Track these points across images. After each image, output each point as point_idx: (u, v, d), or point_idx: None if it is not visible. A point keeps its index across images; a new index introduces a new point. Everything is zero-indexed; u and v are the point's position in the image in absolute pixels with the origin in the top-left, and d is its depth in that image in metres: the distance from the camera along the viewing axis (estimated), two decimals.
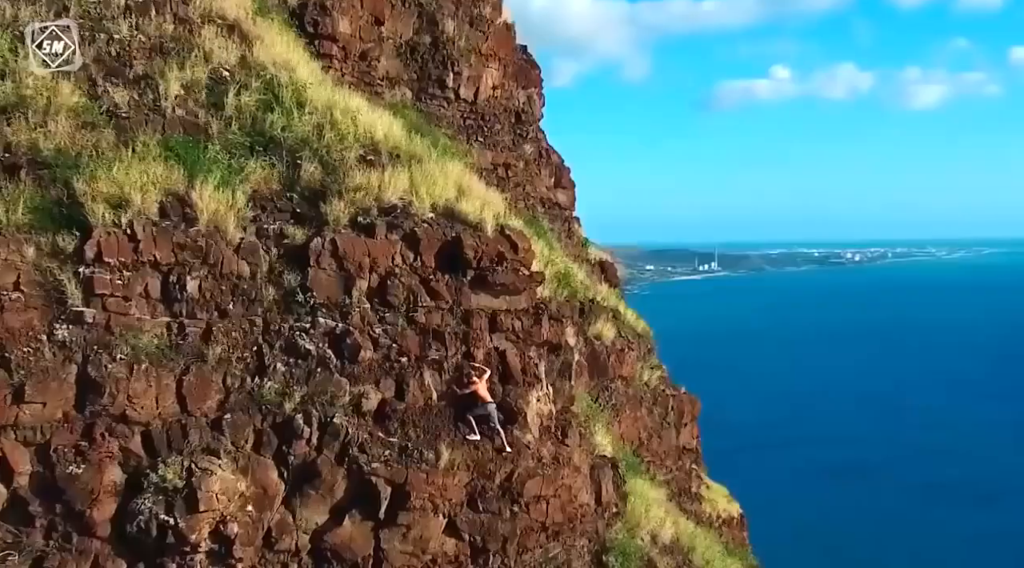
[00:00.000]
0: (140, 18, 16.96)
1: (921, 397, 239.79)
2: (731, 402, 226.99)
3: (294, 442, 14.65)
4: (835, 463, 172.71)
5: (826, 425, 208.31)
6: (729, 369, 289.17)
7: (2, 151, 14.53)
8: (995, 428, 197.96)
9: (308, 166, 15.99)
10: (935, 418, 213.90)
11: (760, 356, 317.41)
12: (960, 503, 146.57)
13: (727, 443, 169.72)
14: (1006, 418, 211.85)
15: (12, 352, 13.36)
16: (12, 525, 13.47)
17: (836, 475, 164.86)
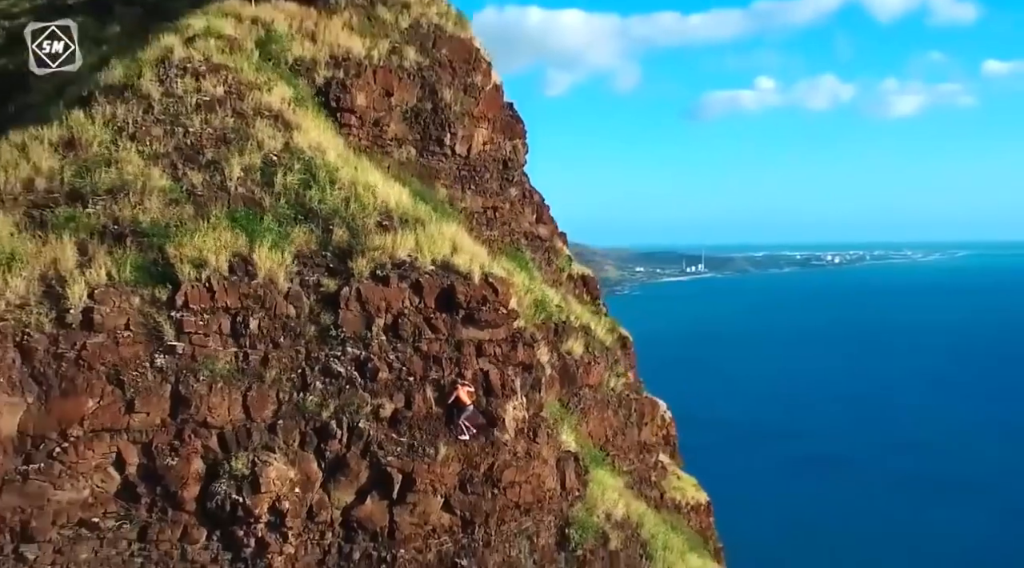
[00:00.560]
0: (208, 114, 20.93)
1: (894, 394, 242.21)
2: (715, 398, 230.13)
3: (329, 441, 18.58)
4: (811, 456, 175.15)
5: (803, 420, 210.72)
6: (714, 367, 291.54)
7: (112, 224, 18.51)
8: (964, 424, 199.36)
9: (338, 231, 19.93)
10: (906, 414, 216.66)
11: (743, 354, 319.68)
12: (927, 494, 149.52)
13: (709, 437, 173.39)
14: (975, 414, 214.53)
15: (125, 375, 17.32)
16: (124, 502, 17.41)
17: (811, 467, 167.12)
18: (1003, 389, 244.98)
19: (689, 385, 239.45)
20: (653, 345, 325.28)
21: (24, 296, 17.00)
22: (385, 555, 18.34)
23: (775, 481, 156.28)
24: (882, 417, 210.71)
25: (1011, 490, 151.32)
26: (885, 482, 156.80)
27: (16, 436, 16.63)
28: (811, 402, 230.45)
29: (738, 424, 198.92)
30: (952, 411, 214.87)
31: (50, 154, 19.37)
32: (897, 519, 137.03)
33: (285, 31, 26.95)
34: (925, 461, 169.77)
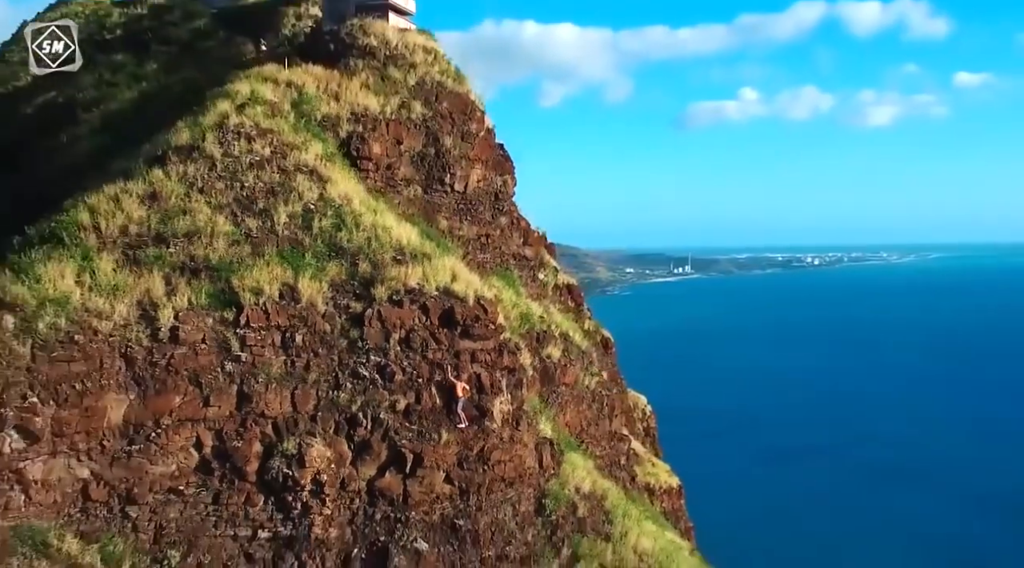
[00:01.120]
0: (259, 170, 25.19)
1: (866, 388, 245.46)
2: (699, 392, 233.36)
3: (357, 428, 22.83)
4: (785, 446, 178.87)
5: (780, 412, 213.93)
6: (699, 363, 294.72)
7: (189, 261, 22.77)
8: (930, 416, 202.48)
9: (362, 264, 24.18)
10: (875, 406, 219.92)
11: (727, 351, 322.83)
12: (892, 482, 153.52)
13: (693, 428, 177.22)
14: (942, 407, 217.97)
15: (202, 378, 21.58)
16: (202, 475, 21.66)
17: (785, 456, 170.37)
18: (969, 383, 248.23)
19: (675, 380, 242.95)
20: (642, 343, 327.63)
21: (126, 318, 21.23)
22: (400, 516, 22.63)
23: (752, 469, 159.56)
24: (853, 410, 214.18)
25: (972, 478, 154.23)
26: (853, 471, 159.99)
27: (122, 424, 20.90)
28: (788, 395, 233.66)
29: (720, 416, 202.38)
30: (919, 404, 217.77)
31: (138, 205, 23.56)
32: (864, 506, 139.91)
33: (314, 92, 31.16)
34: (892, 451, 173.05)
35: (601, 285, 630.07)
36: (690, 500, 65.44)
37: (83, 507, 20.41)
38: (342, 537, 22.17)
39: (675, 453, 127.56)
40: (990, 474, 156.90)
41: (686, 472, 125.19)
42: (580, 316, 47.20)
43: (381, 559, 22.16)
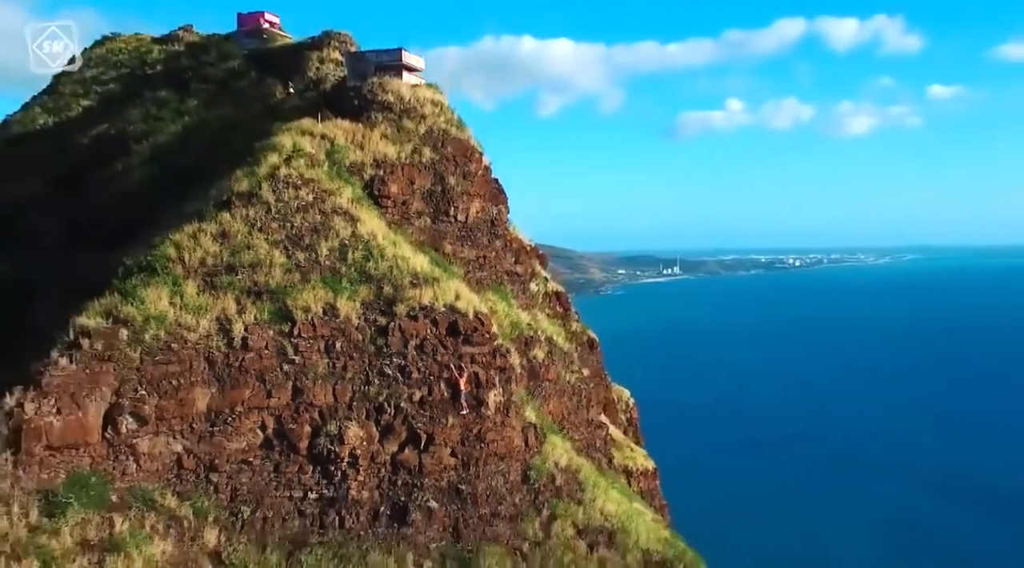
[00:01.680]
0: (304, 213, 30.36)
1: (839, 381, 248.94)
2: (685, 385, 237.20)
3: (383, 415, 28.00)
4: (761, 435, 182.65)
5: (759, 403, 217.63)
6: (686, 357, 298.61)
7: (253, 286, 27.92)
8: (898, 408, 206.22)
9: (386, 288, 29.35)
10: (847, 399, 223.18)
11: (713, 346, 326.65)
12: (854, 468, 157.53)
13: (676, 418, 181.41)
14: (906, 398, 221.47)
15: (266, 376, 26.74)
16: (265, 450, 26.84)
17: (760, 445, 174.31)
18: (935, 376, 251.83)
19: (662, 374, 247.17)
20: (633, 339, 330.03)
21: (208, 330, 26.40)
22: (416, 482, 27.81)
23: (728, 456, 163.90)
24: (826, 401, 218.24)
25: (930, 465, 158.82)
26: (821, 458, 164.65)
27: (206, 411, 26.05)
28: (766, 388, 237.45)
29: (701, 407, 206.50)
30: (885, 396, 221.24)
31: (212, 242, 28.73)
32: (829, 491, 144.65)
33: (343, 143, 36.33)
34: (856, 440, 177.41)
35: (595, 285, 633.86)
36: (672, 483, 69.74)
37: (178, 473, 25.55)
38: (372, 498, 27.32)
39: (658, 441, 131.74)
40: (946, 460, 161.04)
41: (669, 458, 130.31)
42: (567, 319, 51.76)
43: (401, 515, 27.32)
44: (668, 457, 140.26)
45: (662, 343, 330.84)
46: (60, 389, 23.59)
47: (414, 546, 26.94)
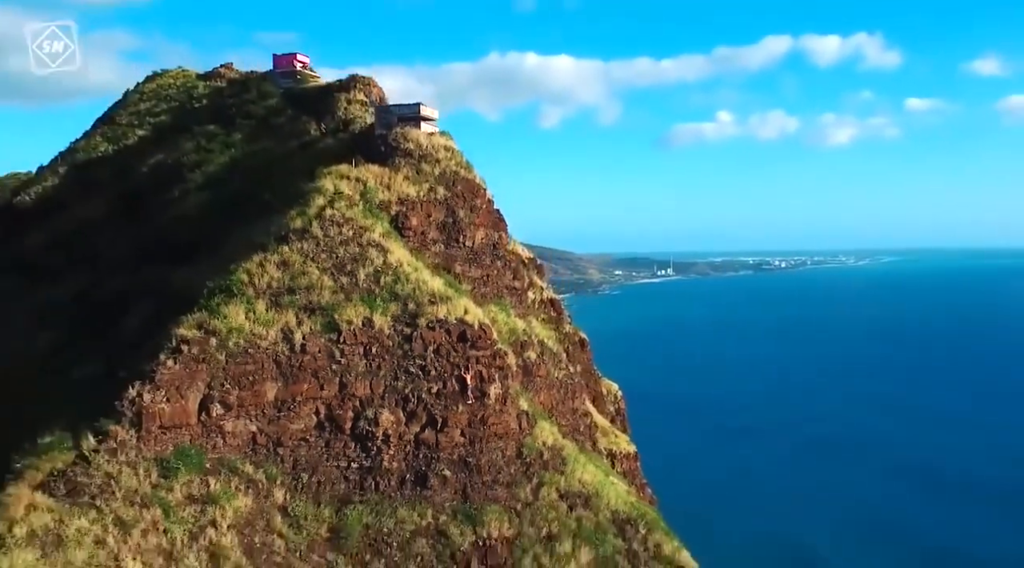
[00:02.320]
0: (346, 246, 36.38)
1: (814, 374, 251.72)
2: (674, 378, 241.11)
3: (408, 404, 33.98)
4: (739, 424, 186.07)
5: (739, 395, 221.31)
6: (676, 352, 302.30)
7: (308, 304, 33.93)
8: (865, 398, 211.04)
9: (410, 304, 35.35)
10: (822, 390, 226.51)
11: (702, 342, 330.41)
12: (825, 455, 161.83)
13: (661, 408, 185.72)
14: (882, 392, 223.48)
15: (319, 374, 32.78)
16: (318, 430, 32.85)
17: (739, 433, 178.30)
18: (909, 371, 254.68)
19: (653, 367, 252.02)
20: (628, 336, 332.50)
21: (275, 339, 32.42)
22: (433, 455, 33.82)
23: (709, 443, 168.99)
24: (802, 394, 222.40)
25: (893, 451, 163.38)
26: (796, 445, 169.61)
27: (273, 400, 32.07)
28: (749, 381, 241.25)
29: (687, 398, 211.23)
30: (860, 389, 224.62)
31: (275, 269, 34.76)
32: (802, 476, 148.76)
33: (373, 185, 42.27)
34: (827, 427, 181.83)
35: (593, 285, 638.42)
36: (658, 467, 72.94)
37: (253, 447, 31.55)
38: (399, 467, 33.34)
39: (647, 429, 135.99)
40: (911, 449, 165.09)
41: (656, 444, 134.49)
42: (560, 322, 57.08)
43: (422, 480, 33.32)
44: (655, 443, 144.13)
45: (655, 340, 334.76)
46: (168, 384, 29.64)
47: (432, 505, 32.95)
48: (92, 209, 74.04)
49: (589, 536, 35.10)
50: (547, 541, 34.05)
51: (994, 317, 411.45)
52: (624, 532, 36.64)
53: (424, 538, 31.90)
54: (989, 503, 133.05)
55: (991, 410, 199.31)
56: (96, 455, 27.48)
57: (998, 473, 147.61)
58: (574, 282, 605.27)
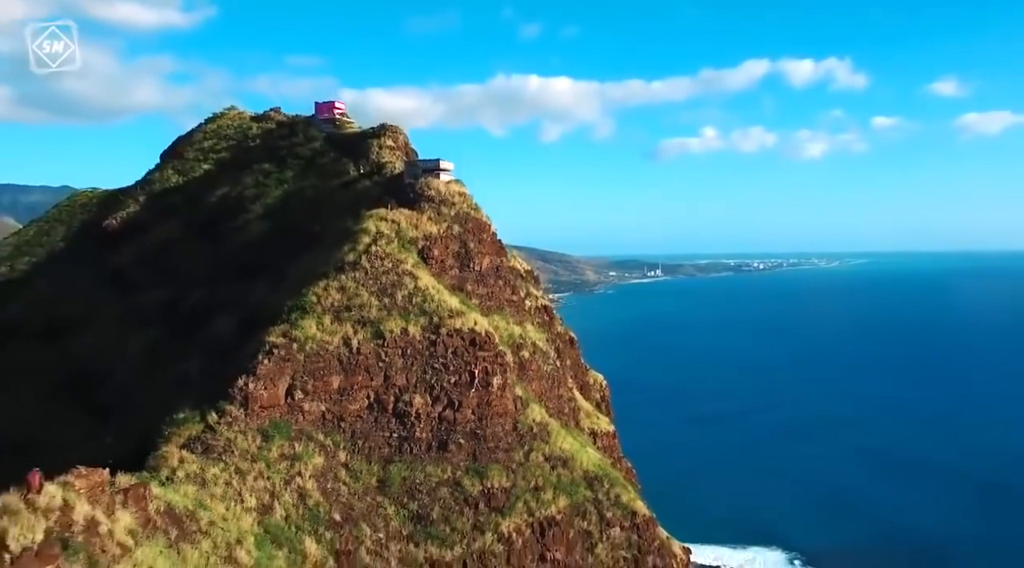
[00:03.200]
0: (387, 274, 44.91)
1: (785, 366, 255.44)
2: (659, 368, 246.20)
3: (434, 390, 42.46)
4: (714, 410, 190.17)
5: (718, 384, 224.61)
6: (663, 345, 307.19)
7: (361, 317, 42.45)
8: (835, 389, 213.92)
9: (434, 318, 43.85)
10: (791, 381, 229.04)
11: (687, 337, 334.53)
12: (789, 437, 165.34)
13: (645, 396, 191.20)
14: (846, 382, 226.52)
15: (369, 369, 41.33)
16: (368, 412, 41.39)
17: (714, 418, 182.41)
18: (871, 363, 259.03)
19: (642, 358, 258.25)
20: (620, 330, 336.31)
21: (338, 343, 40.96)
22: (452, 428, 42.35)
23: (687, 425, 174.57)
24: (771, 382, 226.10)
25: (852, 436, 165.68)
26: (764, 428, 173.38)
27: (337, 388, 40.61)
28: (725, 370, 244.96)
29: (669, 386, 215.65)
30: (826, 379, 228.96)
31: (336, 292, 43.31)
32: (768, 456, 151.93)
33: (404, 225, 50.75)
34: (796, 414, 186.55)
35: (589, 285, 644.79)
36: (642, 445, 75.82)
37: (323, 422, 40.08)
38: (427, 437, 41.87)
39: (631, 412, 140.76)
40: (868, 434, 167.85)
41: (639, 426, 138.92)
42: (552, 325, 65.00)
43: (444, 446, 41.84)
44: (640, 425, 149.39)
45: (645, 333, 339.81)
46: (265, 376, 38.23)
47: (451, 464, 41.48)
48: (170, 232, 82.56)
49: (566, 488, 43.57)
50: (534, 491, 42.52)
51: (946, 313, 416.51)
52: (592, 486, 45.09)
53: (445, 487, 40.42)
54: (935, 481, 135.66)
55: (939, 398, 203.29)
56: (218, 426, 36.08)
57: (944, 456, 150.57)
58: (572, 282, 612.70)
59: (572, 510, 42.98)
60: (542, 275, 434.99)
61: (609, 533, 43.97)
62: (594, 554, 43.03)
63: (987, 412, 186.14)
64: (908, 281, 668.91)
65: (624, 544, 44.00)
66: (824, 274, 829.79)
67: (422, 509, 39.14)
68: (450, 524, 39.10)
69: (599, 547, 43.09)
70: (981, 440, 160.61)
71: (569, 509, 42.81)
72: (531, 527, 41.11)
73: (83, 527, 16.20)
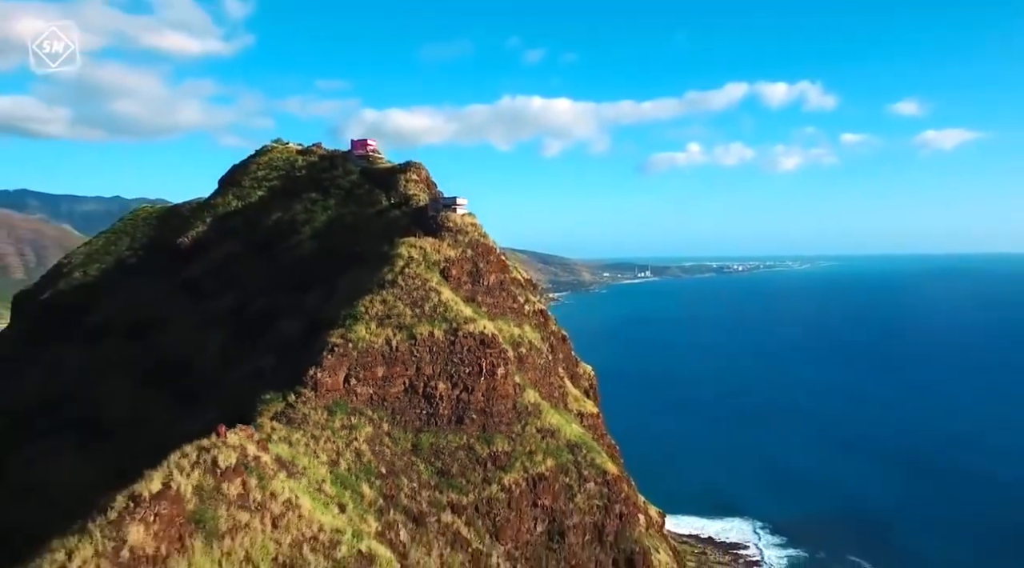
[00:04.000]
0: (417, 291, 53.61)
1: (757, 357, 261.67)
2: (645, 359, 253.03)
3: (453, 378, 51.06)
4: (691, 396, 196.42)
5: (693, 372, 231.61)
6: (649, 339, 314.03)
7: (398, 323, 51.11)
8: (799, 379, 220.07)
9: (452, 323, 52.42)
10: (759, 370, 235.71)
11: (671, 331, 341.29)
12: (754, 422, 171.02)
13: (631, 385, 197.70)
14: (806, 370, 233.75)
15: (404, 361, 50.02)
16: (404, 394, 50.05)
17: (686, 404, 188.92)
18: (833, 354, 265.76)
19: (630, 349, 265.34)
20: (613, 326, 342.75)
21: (380, 343, 49.60)
22: (466, 407, 50.97)
23: (665, 409, 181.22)
24: (742, 372, 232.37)
25: (812, 422, 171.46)
26: (732, 412, 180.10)
27: (381, 375, 49.26)
28: (703, 361, 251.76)
29: (652, 376, 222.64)
30: (792, 370, 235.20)
31: (379, 304, 51.96)
32: (734, 436, 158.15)
33: (430, 250, 59.36)
34: (762, 400, 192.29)
35: (586, 285, 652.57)
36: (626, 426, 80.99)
37: (371, 402, 48.71)
38: (448, 413, 50.50)
39: (618, 397, 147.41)
40: (822, 417, 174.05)
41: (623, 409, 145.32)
42: (547, 325, 73.11)
43: (460, 420, 50.47)
44: (625, 408, 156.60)
45: (634, 328, 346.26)
46: (328, 367, 46.94)
47: (466, 433, 50.12)
48: (232, 248, 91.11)
49: (553, 452, 52.18)
50: (529, 454, 51.15)
51: (901, 309, 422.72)
52: (573, 451, 53.67)
53: (462, 450, 49.07)
54: (877, 458, 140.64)
55: (887, 385, 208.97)
56: (296, 404, 44.76)
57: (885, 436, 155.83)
58: (570, 282, 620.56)
59: (557, 469, 51.53)
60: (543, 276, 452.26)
61: (585, 487, 52.55)
62: (574, 502, 51.63)
63: (925, 398, 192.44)
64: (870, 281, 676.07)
65: (597, 495, 52.56)
66: (796, 275, 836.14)
67: (444, 466, 47.79)
68: (465, 477, 47.75)
69: (577, 497, 51.67)
70: (917, 423, 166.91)
71: (555, 468, 51.36)
72: (526, 481, 49.72)
73: (252, 458, 24.77)
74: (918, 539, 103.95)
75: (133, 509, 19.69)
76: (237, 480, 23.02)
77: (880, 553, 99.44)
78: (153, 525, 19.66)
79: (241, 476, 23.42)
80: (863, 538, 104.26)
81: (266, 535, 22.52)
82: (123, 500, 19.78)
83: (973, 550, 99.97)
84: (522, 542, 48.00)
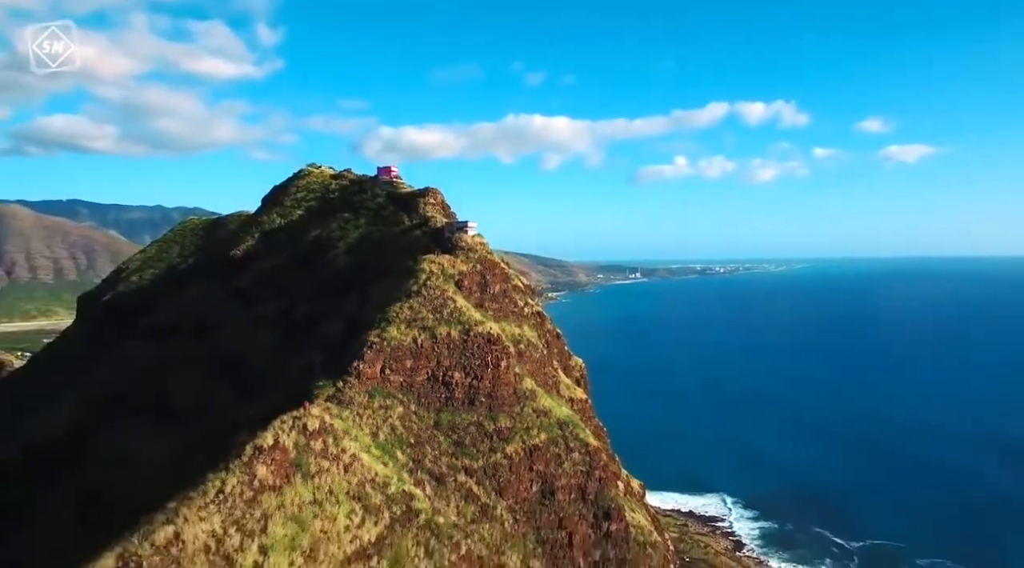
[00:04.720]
0: (437, 301, 61.23)
1: (736, 350, 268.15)
2: (633, 352, 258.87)
3: (466, 369, 58.59)
4: (669, 387, 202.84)
5: (675, 365, 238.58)
6: (639, 335, 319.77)
7: (423, 326, 58.73)
8: (772, 371, 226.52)
9: (466, 325, 60.02)
10: (737, 362, 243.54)
11: (658, 328, 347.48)
12: (728, 409, 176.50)
13: (620, 376, 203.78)
14: (779, 363, 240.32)
15: (428, 355, 57.67)
16: (427, 382, 57.70)
17: (667, 394, 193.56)
18: (804, 348, 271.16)
19: (620, 345, 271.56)
20: (606, 323, 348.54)
21: (409, 341, 57.22)
22: (476, 392, 58.52)
23: (650, 397, 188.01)
24: (720, 364, 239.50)
25: (785, 407, 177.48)
26: (711, 400, 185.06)
27: (409, 368, 56.89)
28: (685, 355, 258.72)
29: (636, 367, 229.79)
30: (765, 363, 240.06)
31: (407, 310, 59.54)
32: (712, 422, 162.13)
33: (447, 266, 66.92)
34: (738, 389, 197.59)
35: (581, 285, 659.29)
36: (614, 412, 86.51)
37: (402, 387, 56.25)
38: (462, 397, 58.04)
39: (607, 386, 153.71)
40: (790, 404, 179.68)
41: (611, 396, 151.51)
42: (543, 325, 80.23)
43: (472, 402, 58.03)
44: (613, 395, 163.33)
45: (624, 325, 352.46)
46: (369, 360, 54.59)
47: (477, 413, 57.68)
48: (278, 260, 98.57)
49: (545, 428, 59.71)
50: (526, 429, 58.70)
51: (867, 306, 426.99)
52: (562, 428, 61.17)
53: (473, 426, 56.65)
54: (837, 441, 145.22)
55: (849, 376, 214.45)
56: (344, 389, 52.40)
57: (845, 422, 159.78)
58: (567, 283, 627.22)
59: (549, 441, 59.04)
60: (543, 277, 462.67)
61: (571, 456, 60.04)
62: (562, 468, 59.13)
63: (882, 387, 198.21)
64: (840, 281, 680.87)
65: (580, 463, 60.06)
66: (772, 276, 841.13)
67: (459, 438, 55.39)
68: (476, 447, 55.35)
69: (565, 464, 59.19)
70: (873, 410, 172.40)
71: (547, 440, 58.87)
72: (524, 450, 57.26)
73: (328, 424, 32.30)
74: (874, 512, 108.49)
75: (257, 455, 27.28)
76: (320, 439, 30.61)
77: (840, 524, 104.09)
78: (270, 466, 27.23)
79: (322, 436, 31.00)
80: (826, 511, 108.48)
81: (340, 476, 30.12)
82: (250, 449, 27.35)
83: (920, 522, 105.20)
84: (520, 498, 55.56)
